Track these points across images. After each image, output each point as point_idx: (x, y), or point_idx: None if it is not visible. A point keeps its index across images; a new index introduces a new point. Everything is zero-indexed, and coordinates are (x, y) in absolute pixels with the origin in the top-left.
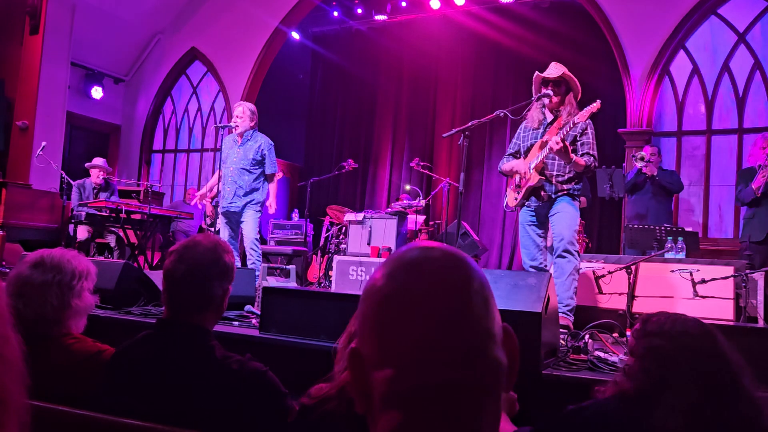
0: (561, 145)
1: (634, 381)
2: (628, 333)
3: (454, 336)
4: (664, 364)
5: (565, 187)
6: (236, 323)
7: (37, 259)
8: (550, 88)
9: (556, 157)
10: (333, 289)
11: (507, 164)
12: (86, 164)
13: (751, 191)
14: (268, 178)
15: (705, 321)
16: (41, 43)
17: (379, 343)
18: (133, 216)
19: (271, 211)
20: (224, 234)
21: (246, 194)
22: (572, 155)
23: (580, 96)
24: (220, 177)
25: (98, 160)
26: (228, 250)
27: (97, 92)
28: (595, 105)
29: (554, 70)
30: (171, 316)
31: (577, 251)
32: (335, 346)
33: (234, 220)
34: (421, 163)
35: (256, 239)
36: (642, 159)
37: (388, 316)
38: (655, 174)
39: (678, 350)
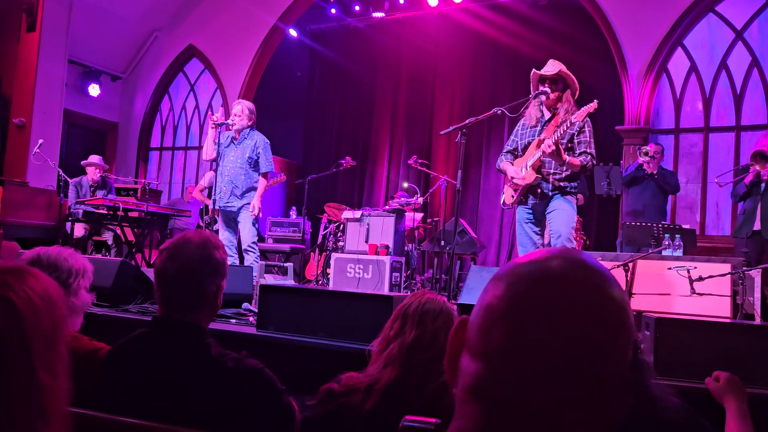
0: (554, 148)
1: None
2: None
3: (566, 368)
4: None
5: (561, 184)
6: (233, 321)
7: (33, 257)
8: (547, 85)
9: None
10: (331, 286)
11: (503, 165)
12: (82, 162)
13: (742, 186)
14: (263, 176)
15: (703, 318)
16: (38, 41)
17: (483, 338)
18: (130, 214)
19: (254, 213)
20: (222, 232)
21: (243, 194)
22: (565, 157)
23: (578, 93)
24: (216, 174)
25: (94, 158)
26: (219, 246)
27: (94, 90)
28: (592, 105)
29: (551, 67)
30: (165, 314)
31: (574, 248)
32: (370, 348)
33: (231, 219)
34: (419, 161)
35: (254, 242)
36: (646, 154)
37: (501, 317)
38: (655, 172)
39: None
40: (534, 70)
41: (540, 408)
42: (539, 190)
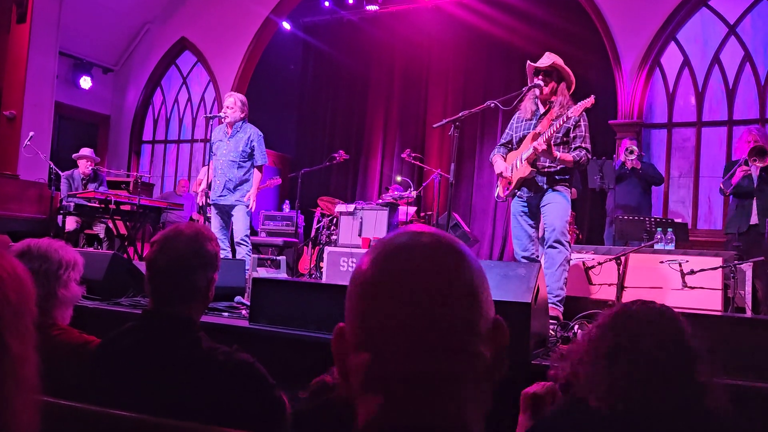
0: (545, 147)
1: (585, 366)
2: None
3: (432, 326)
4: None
5: (556, 178)
6: (226, 314)
7: (23, 248)
8: (540, 78)
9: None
10: (324, 280)
11: (494, 158)
12: (74, 155)
13: (729, 184)
14: (258, 169)
15: (692, 311)
16: (28, 32)
17: (360, 327)
18: (122, 207)
19: (247, 200)
20: (215, 225)
21: (236, 187)
22: (556, 154)
23: (573, 87)
24: (210, 169)
25: (85, 151)
26: (211, 238)
27: (85, 82)
28: (589, 100)
29: (545, 59)
30: (156, 307)
31: (568, 242)
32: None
33: (224, 212)
34: (413, 155)
35: (246, 235)
36: (632, 152)
37: (369, 300)
38: (638, 167)
39: (639, 336)
40: (529, 62)
41: (423, 373)
42: (534, 183)
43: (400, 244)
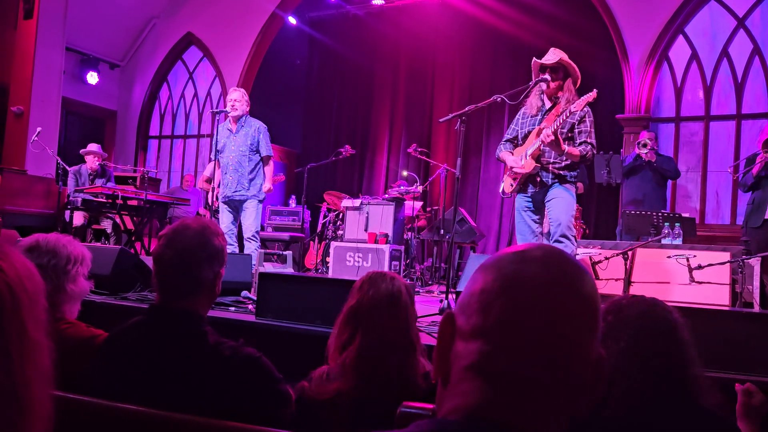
0: (552, 138)
1: None
2: None
3: (553, 338)
4: (617, 342)
5: (561, 173)
6: (232, 309)
7: (32, 243)
8: (547, 73)
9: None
10: (330, 275)
11: (503, 154)
12: (81, 150)
13: (750, 176)
14: (264, 161)
15: (699, 306)
16: (35, 28)
17: (481, 317)
18: (129, 202)
19: (266, 189)
20: (225, 220)
21: (250, 182)
22: (564, 147)
23: (579, 82)
24: (218, 166)
25: (93, 146)
26: (218, 233)
27: (92, 77)
28: (592, 94)
29: (552, 56)
30: (162, 301)
31: (574, 236)
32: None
33: (235, 207)
34: (419, 149)
35: (257, 230)
36: (645, 145)
37: (497, 297)
38: (653, 160)
39: (634, 329)
40: (534, 58)
41: (532, 374)
42: (538, 179)
43: (532, 256)
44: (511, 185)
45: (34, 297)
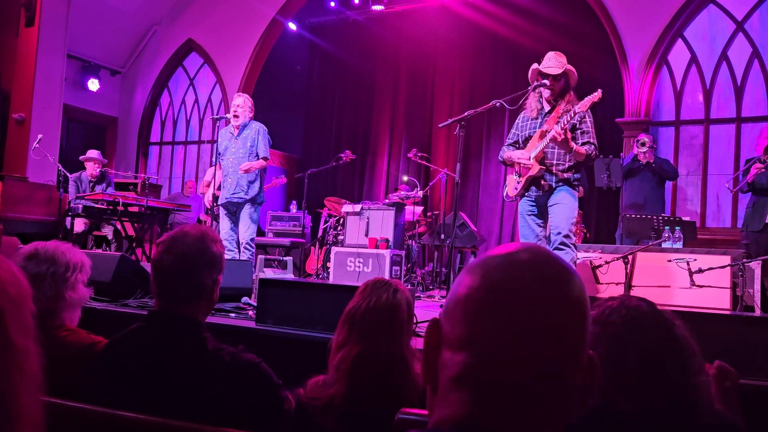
0: (563, 136)
1: None
2: None
3: (542, 345)
4: (615, 345)
5: (565, 176)
6: (233, 315)
7: (31, 251)
8: (549, 80)
9: (556, 147)
10: (331, 280)
11: (507, 153)
12: (81, 157)
13: (744, 185)
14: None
15: (702, 310)
16: (37, 35)
17: (467, 329)
18: (130, 208)
19: (243, 168)
20: (225, 226)
21: (249, 185)
22: (573, 144)
23: (576, 82)
24: (220, 169)
25: (92, 153)
26: (216, 240)
27: (93, 84)
28: (597, 95)
29: (554, 63)
30: (162, 307)
31: (574, 243)
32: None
33: (233, 212)
34: (419, 154)
35: (252, 239)
36: (644, 144)
37: (483, 307)
38: (652, 161)
39: (629, 332)
40: (534, 65)
41: (522, 384)
42: (543, 182)
43: (525, 261)
44: (515, 188)
45: (18, 302)
